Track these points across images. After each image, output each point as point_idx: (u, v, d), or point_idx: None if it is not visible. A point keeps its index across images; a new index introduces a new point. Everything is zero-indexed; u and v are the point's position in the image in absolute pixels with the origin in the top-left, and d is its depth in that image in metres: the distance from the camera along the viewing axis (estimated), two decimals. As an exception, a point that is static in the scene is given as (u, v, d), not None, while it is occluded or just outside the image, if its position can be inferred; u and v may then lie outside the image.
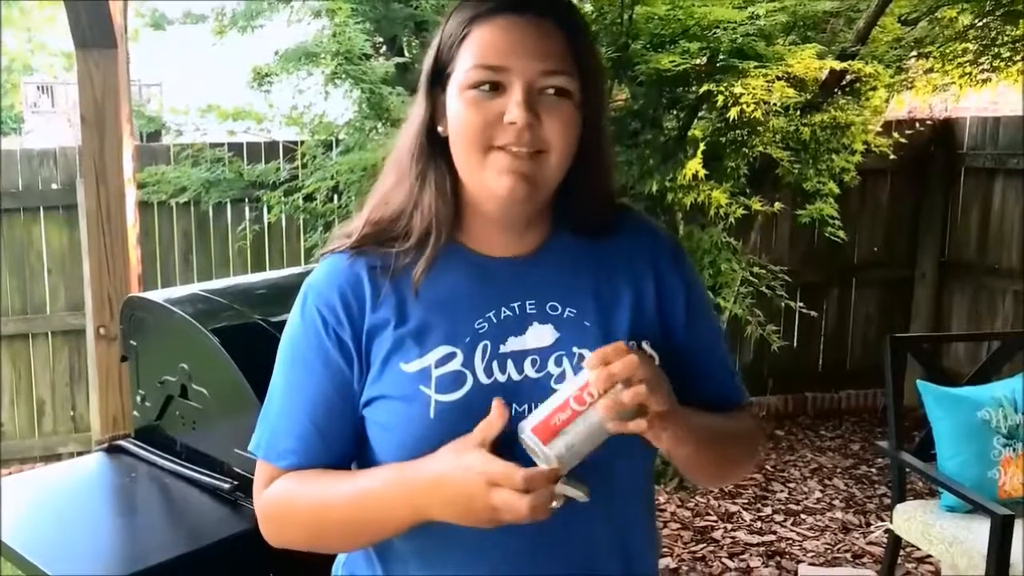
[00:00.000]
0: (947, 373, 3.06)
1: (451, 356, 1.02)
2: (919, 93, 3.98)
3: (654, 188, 3.29)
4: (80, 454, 4.39)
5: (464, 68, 1.02)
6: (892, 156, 3.98)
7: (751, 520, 3.82)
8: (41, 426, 4.55)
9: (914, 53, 3.74)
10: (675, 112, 3.56)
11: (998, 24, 3.64)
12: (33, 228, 4.43)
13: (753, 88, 3.13)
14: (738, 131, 3.45)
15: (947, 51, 3.67)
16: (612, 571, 1.08)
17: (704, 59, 3.34)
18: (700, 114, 3.54)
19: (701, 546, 3.59)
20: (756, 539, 3.65)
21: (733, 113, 3.20)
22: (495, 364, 1.03)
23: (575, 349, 1.04)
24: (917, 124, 4.91)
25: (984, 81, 3.78)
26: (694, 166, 3.23)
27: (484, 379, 1.02)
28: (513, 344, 1.04)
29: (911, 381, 2.91)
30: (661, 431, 0.96)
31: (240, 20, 4.26)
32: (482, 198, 1.05)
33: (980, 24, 3.66)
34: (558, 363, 1.04)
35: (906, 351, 2.97)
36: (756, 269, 3.61)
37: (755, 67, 3.17)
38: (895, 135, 4.13)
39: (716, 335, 1.18)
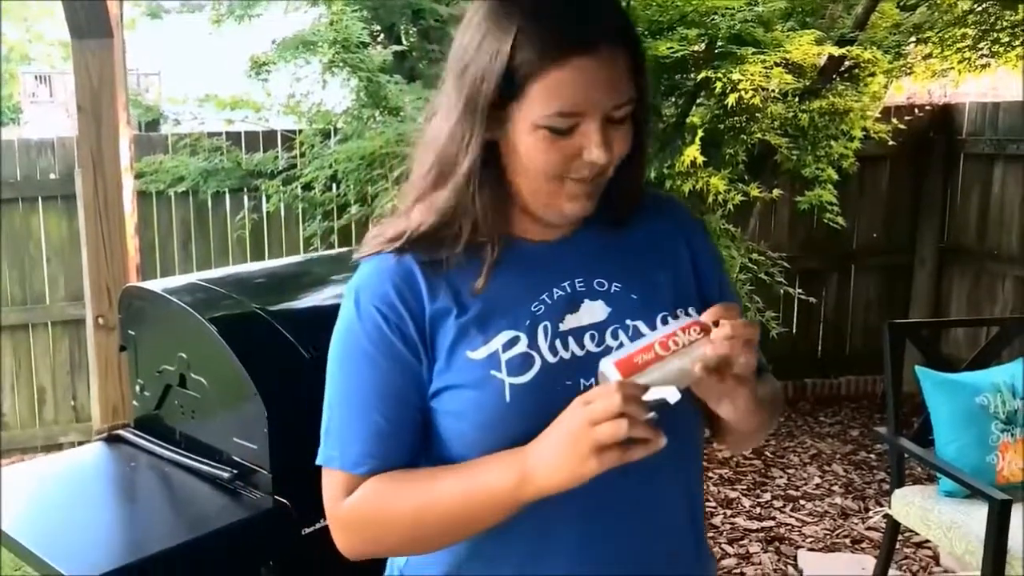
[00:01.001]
0: (946, 359, 3.06)
1: (516, 340, 1.04)
2: (918, 79, 3.97)
3: (652, 175, 3.29)
4: (82, 443, 4.40)
5: (539, 110, 1.00)
6: (891, 142, 3.97)
7: (750, 506, 3.83)
8: (42, 416, 4.56)
9: (913, 39, 3.73)
10: (673, 99, 3.55)
11: (997, 9, 3.63)
12: (32, 218, 4.43)
13: (751, 74, 3.12)
14: (736, 118, 3.44)
15: (946, 36, 3.66)
16: (687, 547, 1.13)
17: (702, 46, 3.33)
18: (698, 101, 3.54)
19: (700, 532, 3.60)
20: (755, 525, 3.67)
21: (731, 100, 3.19)
22: (558, 342, 1.05)
23: (628, 322, 1.07)
24: (916, 110, 4.90)
25: (983, 66, 3.77)
26: (692, 153, 3.22)
27: (551, 358, 1.04)
28: (571, 322, 1.07)
29: (910, 367, 2.91)
30: (740, 385, 1.01)
31: (237, 9, 4.26)
32: (549, 214, 1.08)
33: (979, 9, 3.65)
34: (615, 336, 1.07)
35: (905, 337, 2.97)
36: (755, 256, 3.61)
37: (753, 53, 3.16)
38: (894, 121, 4.12)
39: (739, 303, 1.20)
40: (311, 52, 3.85)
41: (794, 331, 5.01)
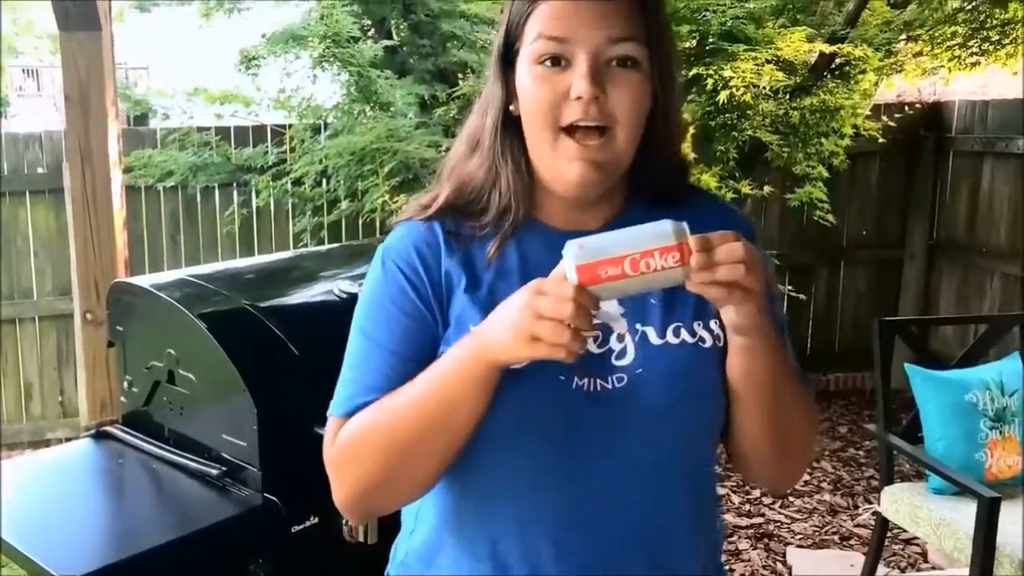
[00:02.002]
0: (935, 355, 3.07)
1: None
2: (908, 76, 3.98)
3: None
4: (69, 439, 4.38)
5: (530, 41, 1.02)
6: (881, 140, 3.98)
7: (739, 503, 3.84)
8: (29, 411, 4.53)
9: (903, 36, 3.74)
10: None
11: (987, 7, 3.64)
12: (20, 212, 4.40)
13: (743, 71, 3.13)
14: (728, 114, 3.45)
15: (936, 34, 3.67)
16: (679, 559, 1.08)
17: (694, 42, 3.33)
18: (690, 97, 3.53)
19: (690, 528, 3.61)
20: (745, 521, 3.67)
21: (723, 96, 3.20)
22: None
23: (638, 326, 1.05)
24: (906, 107, 4.91)
25: (973, 64, 3.78)
26: (683, 149, 3.22)
27: None
28: None
29: (900, 363, 2.92)
30: (743, 303, 0.93)
31: (226, 2, 4.23)
32: (553, 182, 1.05)
33: (969, 7, 3.66)
34: (620, 339, 1.04)
35: (894, 334, 2.98)
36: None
37: (744, 50, 3.17)
38: (884, 118, 4.14)
39: (782, 320, 1.13)
40: (301, 46, 3.83)
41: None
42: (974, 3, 3.67)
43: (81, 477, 2.00)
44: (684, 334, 1.05)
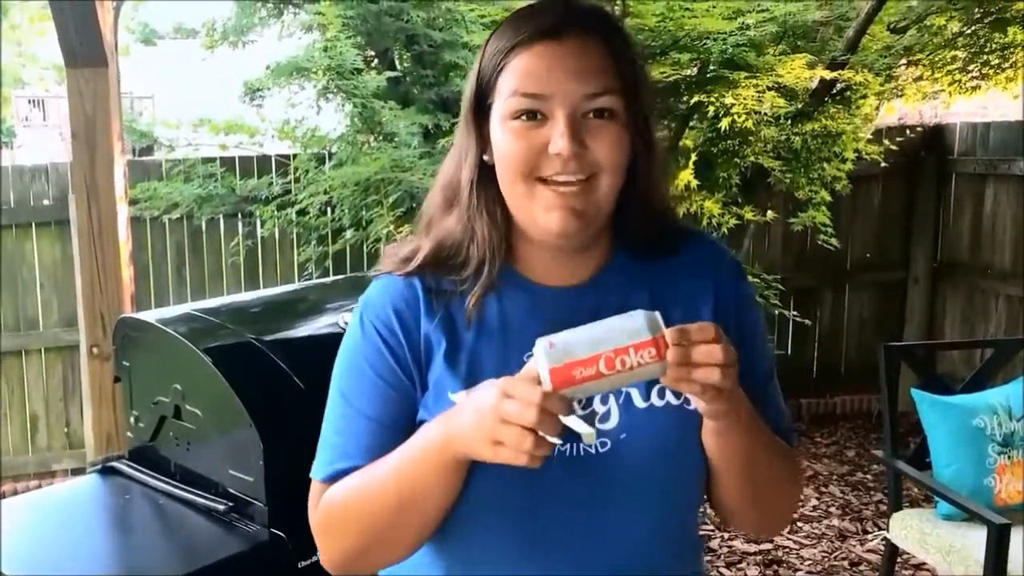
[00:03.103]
0: (942, 379, 3.06)
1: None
2: (909, 100, 4.00)
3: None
4: (75, 470, 4.38)
5: (505, 96, 1.01)
6: (883, 163, 3.99)
7: (748, 529, 3.82)
8: (35, 442, 4.53)
9: (904, 61, 3.75)
10: (666, 122, 3.56)
11: (987, 31, 3.65)
12: (25, 243, 4.42)
13: (744, 98, 3.15)
14: (729, 141, 3.46)
15: (936, 59, 3.69)
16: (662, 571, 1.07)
17: (695, 70, 3.35)
18: (691, 124, 3.55)
19: (698, 556, 3.59)
20: (753, 548, 3.65)
21: (724, 123, 3.21)
22: None
23: (622, 388, 1.02)
24: (908, 130, 4.92)
25: (974, 88, 3.80)
26: (686, 176, 3.24)
27: None
28: None
29: (906, 385, 2.92)
30: (714, 401, 0.93)
31: (231, 35, 4.27)
32: (532, 231, 1.03)
33: (969, 32, 3.68)
34: (604, 401, 1.02)
35: (900, 359, 2.97)
36: (750, 279, 3.62)
37: (745, 77, 3.19)
38: (886, 142, 4.15)
39: (769, 369, 1.13)
40: (305, 77, 3.87)
41: (789, 351, 5.01)
42: (974, 27, 3.69)
43: (87, 513, 2.00)
44: (669, 395, 1.02)
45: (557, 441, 0.89)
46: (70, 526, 1.90)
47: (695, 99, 3.24)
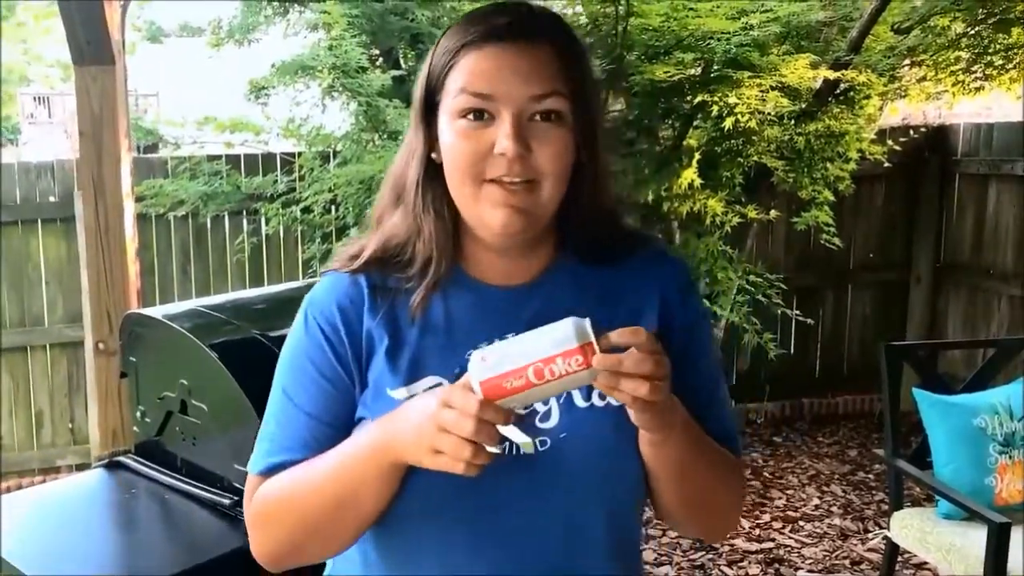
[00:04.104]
0: (943, 379, 3.07)
1: (437, 387, 1.01)
2: (912, 101, 4.00)
3: (650, 197, 3.31)
4: (79, 466, 4.40)
5: (452, 95, 1.01)
6: (887, 163, 4.00)
7: (749, 527, 3.83)
8: (40, 438, 4.55)
9: (907, 61, 3.76)
10: (670, 122, 3.57)
11: (990, 32, 3.66)
12: (31, 240, 4.43)
13: (747, 98, 3.15)
14: (733, 140, 3.47)
15: (940, 59, 3.69)
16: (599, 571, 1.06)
17: (698, 69, 3.36)
18: (695, 123, 3.56)
19: (700, 554, 3.60)
20: (755, 546, 3.66)
21: (728, 123, 3.22)
22: None
23: None
24: (911, 131, 4.92)
25: (977, 89, 3.80)
26: (689, 175, 3.25)
27: None
28: None
29: (908, 385, 2.92)
30: (643, 412, 0.92)
31: (236, 33, 4.28)
32: (478, 228, 1.04)
33: (972, 32, 3.68)
34: (544, 400, 1.01)
35: (902, 359, 2.98)
36: (752, 277, 3.63)
37: (749, 77, 3.19)
38: (889, 142, 4.16)
39: (716, 377, 1.14)
40: (310, 76, 3.88)
41: (792, 350, 5.02)
42: (977, 28, 3.69)
43: (93, 507, 2.01)
44: (610, 396, 1.01)
45: (496, 450, 0.90)
46: (76, 520, 1.92)
47: (699, 99, 3.24)
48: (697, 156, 3.31)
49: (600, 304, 1.05)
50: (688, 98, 3.36)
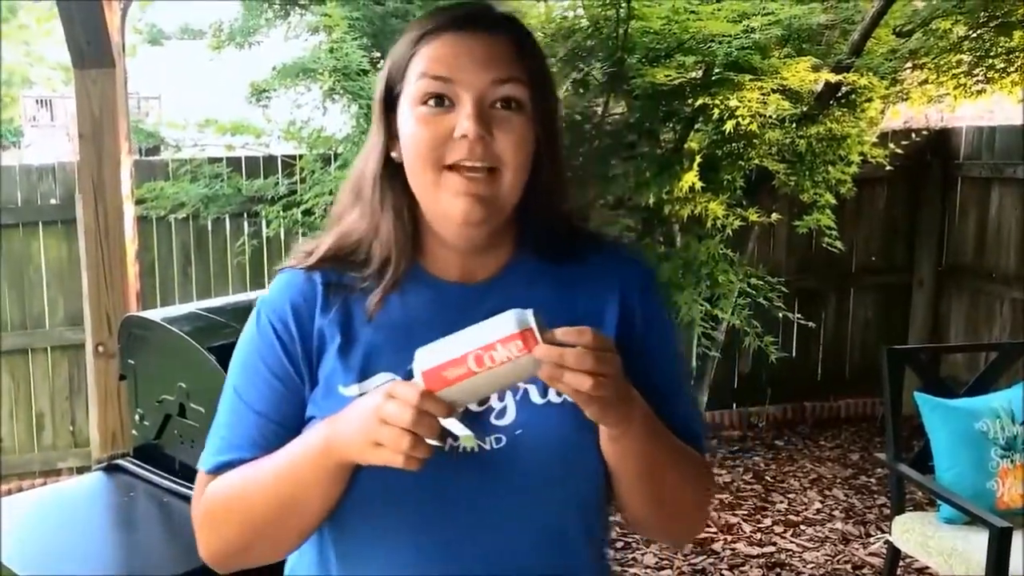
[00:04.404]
0: (945, 382, 3.07)
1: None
2: (914, 104, 3.99)
3: (651, 200, 3.30)
4: (80, 469, 4.39)
5: (413, 82, 1.02)
6: (888, 167, 3.99)
7: (751, 531, 3.82)
8: (40, 440, 4.55)
9: (909, 64, 3.74)
10: (671, 125, 3.56)
11: (992, 35, 3.65)
12: (32, 242, 4.44)
13: (748, 101, 3.14)
14: (734, 143, 3.45)
15: (942, 62, 3.68)
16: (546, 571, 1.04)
17: (700, 72, 3.35)
18: (696, 127, 3.55)
19: (701, 558, 3.59)
20: (756, 551, 3.65)
21: (729, 126, 3.21)
22: None
23: (520, 384, 1.01)
24: (913, 134, 4.92)
25: (979, 92, 3.79)
26: (690, 178, 3.24)
27: None
28: None
29: (910, 389, 2.92)
30: (589, 406, 0.91)
31: (237, 36, 4.27)
32: (438, 221, 1.03)
33: (974, 35, 3.67)
34: (501, 397, 1.01)
35: (904, 363, 2.97)
36: (754, 281, 3.62)
37: (750, 80, 3.18)
38: (891, 145, 4.14)
39: (678, 377, 1.14)
40: (311, 79, 3.87)
41: (793, 353, 5.02)
42: (979, 31, 3.68)
43: (91, 510, 2.01)
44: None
45: (436, 443, 0.90)
46: (74, 523, 1.92)
47: (700, 102, 3.23)
48: (698, 159, 3.30)
49: (559, 302, 1.05)
50: (689, 101, 3.35)
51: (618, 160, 3.37)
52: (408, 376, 0.95)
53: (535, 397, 1.02)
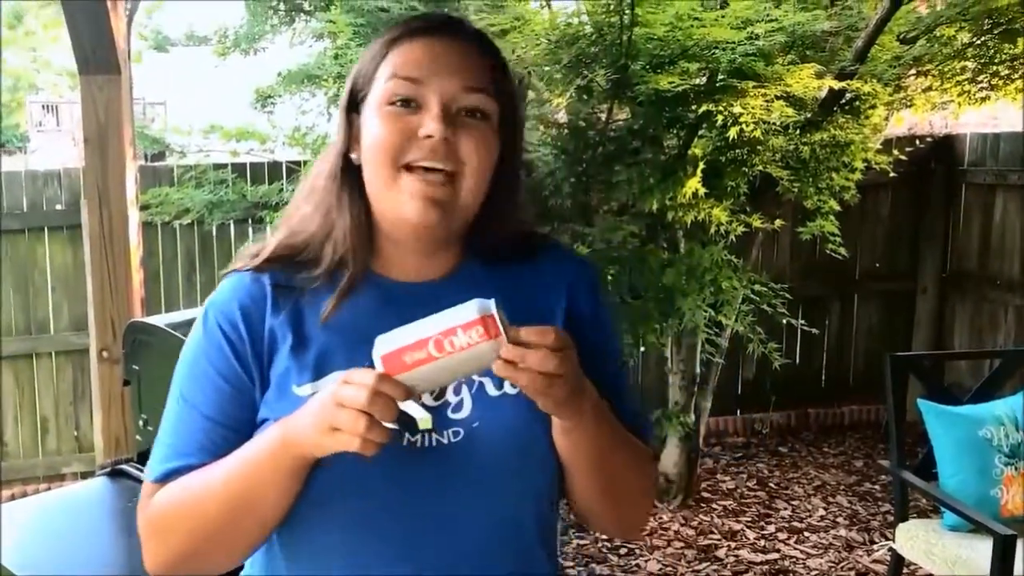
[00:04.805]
0: (949, 389, 3.06)
1: None
2: (918, 111, 3.99)
3: (655, 206, 3.30)
4: (84, 474, 4.40)
5: (381, 83, 1.02)
6: (892, 173, 3.99)
7: (755, 538, 3.81)
8: (44, 445, 4.56)
9: (913, 71, 3.75)
10: (675, 131, 3.57)
11: (996, 42, 3.65)
12: (37, 248, 4.45)
13: (752, 107, 3.14)
14: (738, 150, 3.45)
15: (946, 69, 3.68)
16: (502, 570, 1.04)
17: (703, 79, 3.35)
18: (700, 133, 3.55)
19: (704, 565, 3.59)
20: (760, 557, 3.65)
21: (733, 132, 3.21)
22: None
23: (475, 377, 1.02)
24: (917, 140, 4.92)
25: (983, 99, 3.79)
26: (694, 184, 3.24)
27: None
28: None
29: (914, 396, 2.91)
30: (540, 397, 0.92)
31: (243, 42, 4.30)
32: (392, 223, 1.03)
33: (978, 42, 3.67)
34: (456, 391, 1.02)
35: (907, 370, 2.97)
36: (757, 287, 3.62)
37: (754, 87, 3.18)
38: (895, 152, 4.14)
39: (623, 374, 1.17)
40: (316, 85, 3.88)
41: (797, 360, 5.01)
42: (983, 38, 3.68)
43: (95, 515, 2.02)
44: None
45: (392, 426, 0.89)
46: (78, 528, 1.92)
47: (703, 108, 3.23)
48: (702, 165, 3.30)
49: (510, 302, 1.05)
50: (693, 107, 3.35)
51: (622, 166, 3.37)
52: None
53: (491, 390, 1.03)
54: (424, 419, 0.92)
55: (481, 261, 1.09)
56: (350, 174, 1.06)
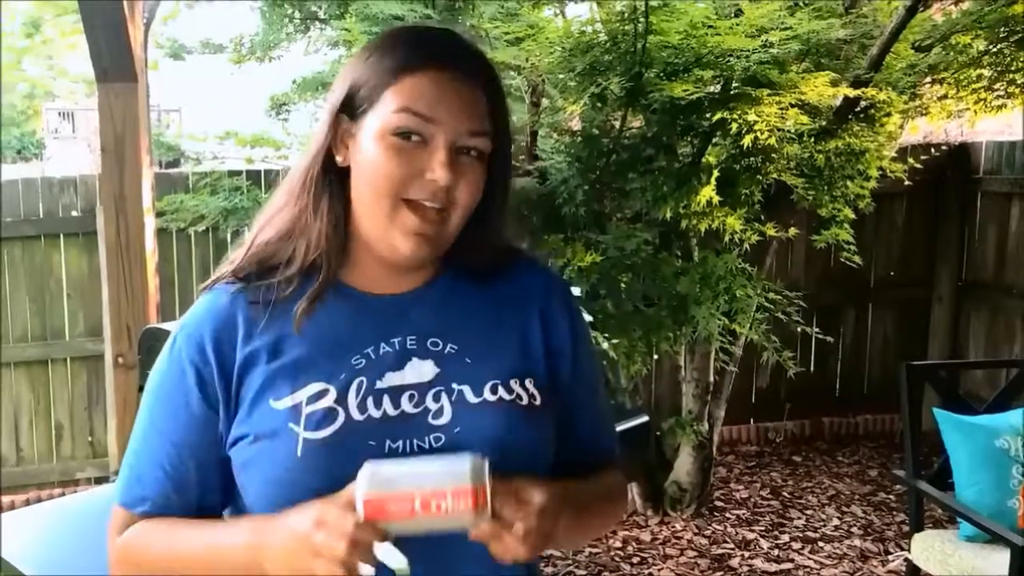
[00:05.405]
0: (965, 399, 3.04)
1: (323, 393, 1.00)
2: (933, 119, 3.97)
3: (668, 214, 3.30)
4: (98, 479, 4.42)
5: (390, 110, 1.01)
6: (908, 181, 3.97)
7: (768, 548, 3.79)
8: (59, 451, 4.58)
9: (928, 79, 3.73)
10: (689, 139, 3.56)
11: (1012, 50, 3.63)
12: (53, 254, 4.48)
13: (767, 115, 3.14)
14: (752, 158, 3.45)
15: (961, 77, 3.67)
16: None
17: (718, 87, 3.35)
18: (714, 141, 3.55)
19: (718, 574, 3.57)
20: (774, 567, 3.63)
21: (747, 140, 3.21)
22: (370, 400, 1.01)
23: (454, 385, 1.03)
24: (932, 149, 4.90)
25: (999, 107, 3.77)
26: (708, 192, 3.23)
27: (357, 415, 1.00)
28: (391, 379, 1.02)
29: (929, 405, 2.90)
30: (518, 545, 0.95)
31: (258, 50, 4.31)
32: (381, 247, 1.04)
33: (994, 50, 3.66)
34: (436, 399, 1.02)
35: (923, 379, 2.95)
36: (771, 295, 3.61)
37: (768, 94, 3.18)
38: (910, 160, 4.13)
39: (598, 384, 1.19)
40: (330, 92, 3.89)
41: (811, 369, 4.99)
42: (999, 46, 3.66)
43: (106, 521, 2.01)
44: (501, 391, 1.03)
45: (370, 570, 0.91)
46: (90, 533, 1.92)
47: (718, 116, 3.23)
48: (716, 173, 3.30)
49: (485, 314, 1.09)
50: (707, 115, 3.35)
51: (636, 174, 3.37)
52: (341, 386, 0.99)
53: (470, 396, 1.03)
54: (400, 568, 0.92)
55: (455, 274, 1.10)
56: (331, 174, 1.05)
